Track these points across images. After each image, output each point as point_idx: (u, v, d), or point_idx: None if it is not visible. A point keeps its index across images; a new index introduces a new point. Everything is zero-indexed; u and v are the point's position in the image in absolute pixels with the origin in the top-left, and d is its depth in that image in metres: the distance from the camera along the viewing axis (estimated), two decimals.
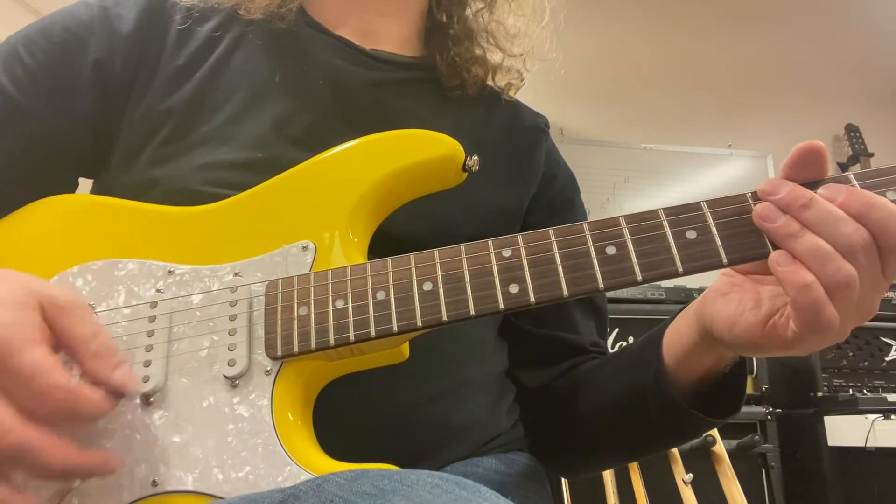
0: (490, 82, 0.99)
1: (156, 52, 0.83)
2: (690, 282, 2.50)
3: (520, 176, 0.94)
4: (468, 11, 1.01)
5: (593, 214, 0.61)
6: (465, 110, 0.94)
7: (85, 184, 0.87)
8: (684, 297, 2.41)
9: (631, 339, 2.32)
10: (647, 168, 3.67)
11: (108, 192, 0.77)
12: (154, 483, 0.61)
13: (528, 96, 1.06)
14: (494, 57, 1.00)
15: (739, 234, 0.57)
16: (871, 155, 3.74)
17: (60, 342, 0.58)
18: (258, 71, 0.85)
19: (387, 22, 0.94)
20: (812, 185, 0.56)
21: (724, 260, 0.57)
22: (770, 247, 0.56)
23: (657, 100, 3.78)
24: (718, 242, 0.57)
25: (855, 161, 3.74)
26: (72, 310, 0.59)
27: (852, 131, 3.83)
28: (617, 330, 2.34)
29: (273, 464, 0.60)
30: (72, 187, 0.84)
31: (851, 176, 0.57)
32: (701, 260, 0.57)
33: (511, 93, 1.02)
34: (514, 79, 1.01)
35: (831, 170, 0.57)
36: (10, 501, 0.55)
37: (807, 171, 0.57)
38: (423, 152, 0.71)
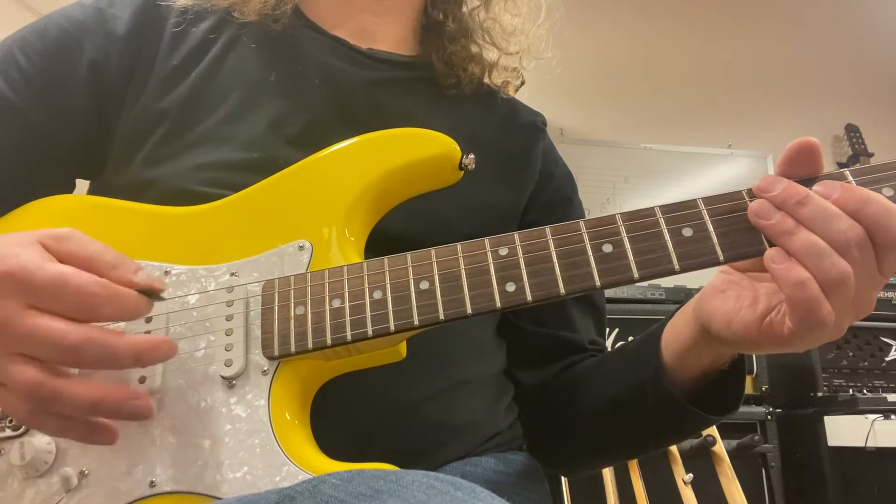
0: (487, 80, 0.99)
1: (151, 53, 0.83)
2: (690, 281, 2.49)
3: (517, 174, 0.94)
4: (464, 9, 1.01)
5: (593, 214, 0.61)
6: (461, 109, 0.94)
7: (82, 184, 0.87)
8: (684, 297, 2.40)
9: (631, 339, 2.32)
10: (647, 168, 3.67)
11: (104, 193, 0.77)
12: (152, 484, 0.61)
13: (527, 96, 1.06)
14: (491, 55, 1.00)
15: (735, 232, 0.57)
16: (871, 155, 3.74)
17: (73, 265, 0.58)
18: (253, 71, 0.85)
19: (382, 21, 0.94)
20: (808, 181, 0.56)
21: (721, 257, 0.57)
22: (766, 244, 0.56)
23: (657, 100, 3.78)
24: (715, 240, 0.57)
25: (855, 161, 3.73)
26: (70, 236, 0.59)
27: (852, 131, 3.83)
28: (617, 330, 2.33)
29: (270, 464, 0.59)
30: (69, 188, 0.84)
31: (847, 172, 0.57)
32: (697, 257, 0.57)
33: (510, 91, 1.02)
34: (511, 77, 1.01)
35: (832, 170, 0.57)
36: (102, 394, 0.56)
37: (802, 167, 0.57)
38: (419, 151, 0.71)
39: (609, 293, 2.32)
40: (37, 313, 0.54)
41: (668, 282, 2.50)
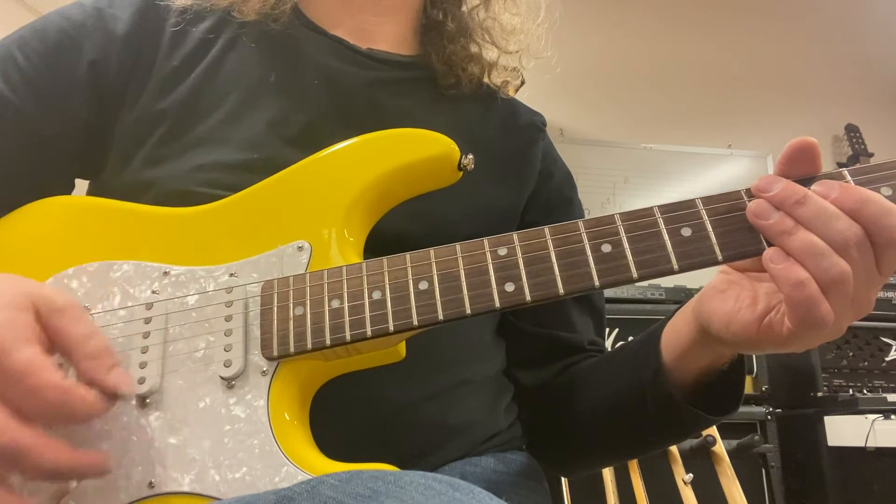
0: (486, 80, 0.99)
1: (150, 54, 0.83)
2: (690, 281, 2.49)
3: (516, 174, 0.94)
4: (464, 8, 1.01)
5: (593, 214, 0.61)
6: (461, 109, 0.94)
7: (81, 184, 0.87)
8: (684, 297, 2.41)
9: (631, 340, 2.32)
10: (647, 168, 3.67)
11: (103, 194, 0.77)
12: (151, 485, 0.60)
13: (527, 96, 1.06)
14: (490, 54, 1.00)
15: (734, 231, 0.57)
16: (871, 155, 3.74)
17: (55, 343, 0.58)
18: (253, 71, 0.85)
19: (382, 21, 0.93)
20: (806, 181, 0.56)
21: (720, 257, 0.57)
22: (765, 243, 0.56)
23: (657, 100, 3.78)
24: (713, 239, 0.57)
25: (855, 161, 3.74)
26: (66, 310, 0.58)
27: (852, 131, 3.83)
28: (617, 330, 2.33)
29: (270, 464, 0.59)
30: (68, 188, 0.84)
31: (845, 172, 0.57)
32: (696, 257, 0.57)
33: (510, 92, 1.02)
34: (511, 77, 1.01)
35: (831, 170, 0.57)
36: (5, 503, 0.55)
37: (801, 167, 0.57)
38: (418, 151, 0.71)
39: (609, 293, 2.32)
40: None
41: (668, 282, 2.50)
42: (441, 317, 0.60)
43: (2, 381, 0.53)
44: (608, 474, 1.70)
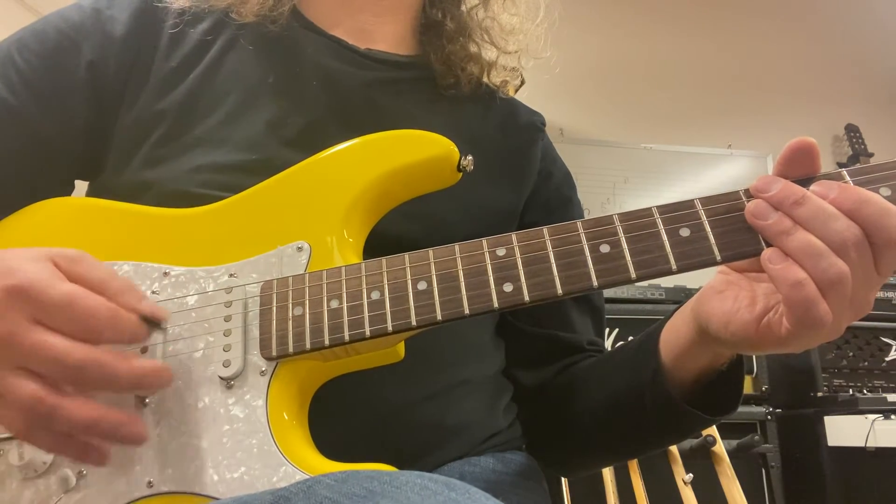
0: (485, 80, 0.99)
1: (149, 55, 0.83)
2: (690, 281, 2.49)
3: (516, 175, 0.94)
4: (462, 8, 1.01)
5: (593, 214, 0.61)
6: (460, 109, 0.94)
7: (81, 186, 0.87)
8: (684, 297, 2.40)
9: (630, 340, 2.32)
10: (647, 168, 3.67)
11: (102, 194, 0.77)
12: (149, 484, 0.61)
13: (527, 96, 1.06)
14: (489, 54, 1.00)
15: (733, 232, 0.57)
16: (871, 155, 3.74)
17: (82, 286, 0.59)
18: (251, 72, 0.85)
19: (381, 21, 0.93)
20: (805, 181, 0.56)
21: (718, 257, 0.57)
22: (763, 244, 0.56)
23: (657, 100, 3.78)
24: (712, 240, 0.57)
25: (855, 161, 3.73)
26: (82, 258, 0.60)
27: (852, 131, 3.83)
28: (617, 330, 2.33)
29: (268, 464, 0.60)
30: (68, 189, 0.84)
31: (844, 172, 0.57)
32: (695, 257, 0.57)
33: (510, 92, 1.02)
34: (510, 76, 1.01)
35: (831, 170, 0.57)
36: (98, 415, 0.56)
37: (799, 167, 0.57)
38: (417, 153, 0.71)
39: (609, 293, 2.32)
40: (43, 329, 0.55)
41: (667, 282, 2.50)
42: (439, 317, 0.60)
43: (53, 316, 0.55)
44: (608, 474, 1.70)
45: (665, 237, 0.58)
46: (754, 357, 2.38)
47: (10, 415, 0.56)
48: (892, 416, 2.22)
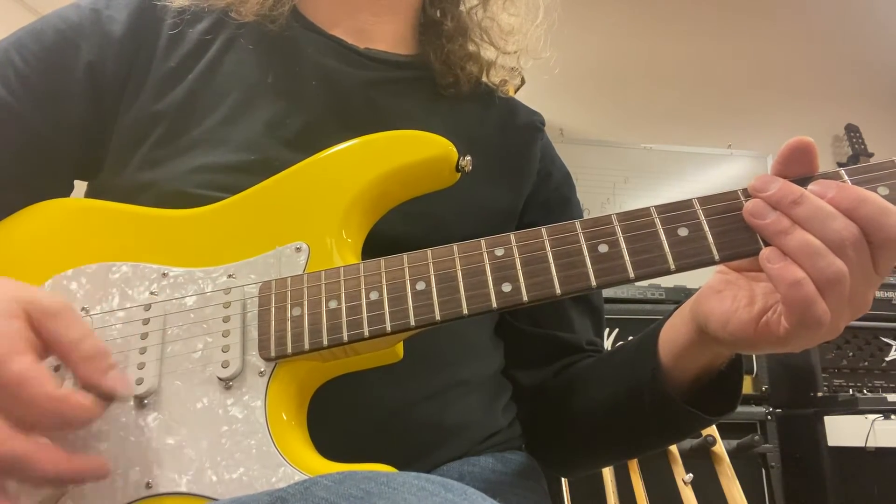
0: (485, 79, 0.99)
1: (147, 55, 0.83)
2: (690, 281, 2.49)
3: (515, 175, 0.94)
4: (462, 8, 1.01)
5: (593, 214, 0.61)
6: (459, 108, 0.94)
7: (80, 186, 0.87)
8: (684, 297, 2.39)
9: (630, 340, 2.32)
10: (647, 168, 3.67)
11: (101, 195, 0.77)
12: (148, 485, 0.60)
13: (527, 96, 1.06)
14: (488, 54, 1.00)
15: (731, 231, 0.57)
16: (871, 155, 3.74)
17: (50, 348, 0.58)
18: (250, 72, 0.85)
19: (380, 20, 0.93)
20: (803, 181, 0.56)
21: (716, 257, 0.57)
22: (762, 243, 0.56)
23: (657, 100, 3.78)
24: (710, 239, 0.57)
25: (855, 161, 3.73)
26: (59, 313, 0.58)
27: (852, 131, 3.83)
28: (617, 330, 2.33)
29: (267, 465, 0.59)
30: (67, 189, 0.84)
31: (842, 172, 0.57)
32: (693, 257, 0.57)
33: (510, 91, 1.02)
34: (509, 76, 1.01)
35: (831, 170, 0.57)
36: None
37: (797, 167, 0.57)
38: (416, 153, 0.71)
39: (608, 293, 2.32)
40: None
41: (667, 282, 2.50)
42: (438, 317, 0.60)
43: (2, 392, 0.53)
44: (608, 474, 1.70)
45: (663, 237, 0.58)
46: (754, 357, 2.38)
47: None
48: (892, 416, 2.22)
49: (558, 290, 0.59)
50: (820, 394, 2.40)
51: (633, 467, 1.64)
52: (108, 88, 0.81)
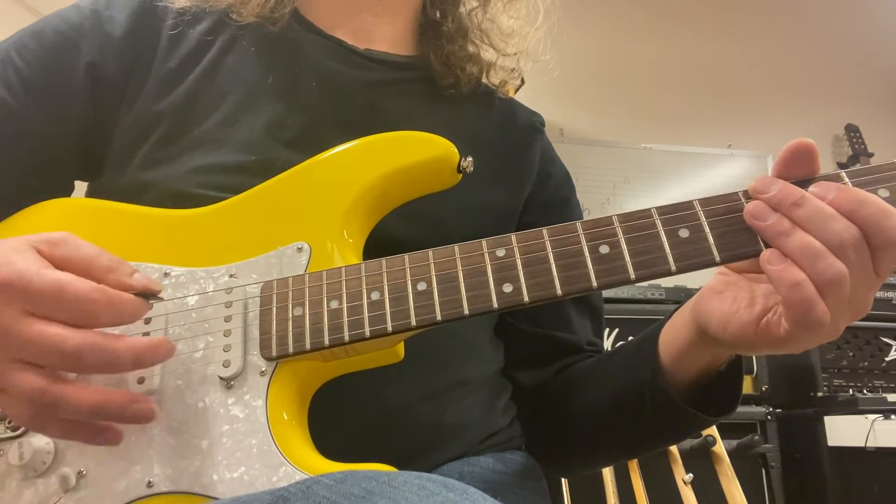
0: (484, 80, 0.99)
1: (148, 55, 0.83)
2: (690, 281, 2.49)
3: (515, 175, 0.94)
4: (462, 9, 1.01)
5: (593, 215, 0.62)
6: (459, 109, 0.94)
7: (80, 187, 0.87)
8: (684, 298, 2.40)
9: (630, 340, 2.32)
10: (647, 168, 3.67)
11: (102, 195, 0.77)
12: (149, 484, 0.61)
13: (527, 96, 1.06)
14: (488, 55, 1.00)
15: (732, 233, 0.57)
16: (871, 155, 3.74)
17: (69, 270, 0.58)
18: (251, 73, 0.85)
19: (381, 21, 0.94)
20: (804, 182, 0.57)
21: (717, 258, 0.57)
22: (762, 245, 0.56)
23: (657, 100, 3.78)
24: (711, 241, 0.57)
25: (855, 161, 3.73)
26: (65, 240, 0.59)
27: (852, 131, 3.83)
28: (617, 330, 2.33)
29: (268, 464, 0.60)
30: (68, 190, 0.84)
31: (843, 173, 0.57)
32: (694, 258, 0.57)
33: (510, 92, 1.02)
34: (509, 77, 1.01)
35: (831, 170, 0.57)
36: (104, 398, 0.57)
37: (798, 168, 0.57)
38: (417, 154, 0.71)
39: (609, 293, 2.32)
40: (36, 320, 0.54)
41: (668, 282, 2.50)
42: (439, 317, 0.61)
43: (43, 305, 0.55)
44: (608, 474, 1.70)
45: (664, 238, 0.58)
46: (754, 357, 2.38)
47: (16, 408, 0.56)
48: (892, 416, 2.22)
49: (559, 291, 0.59)
50: (820, 394, 2.40)
51: (633, 467, 1.64)
52: (109, 89, 0.81)
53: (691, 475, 1.61)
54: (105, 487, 0.61)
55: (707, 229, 0.58)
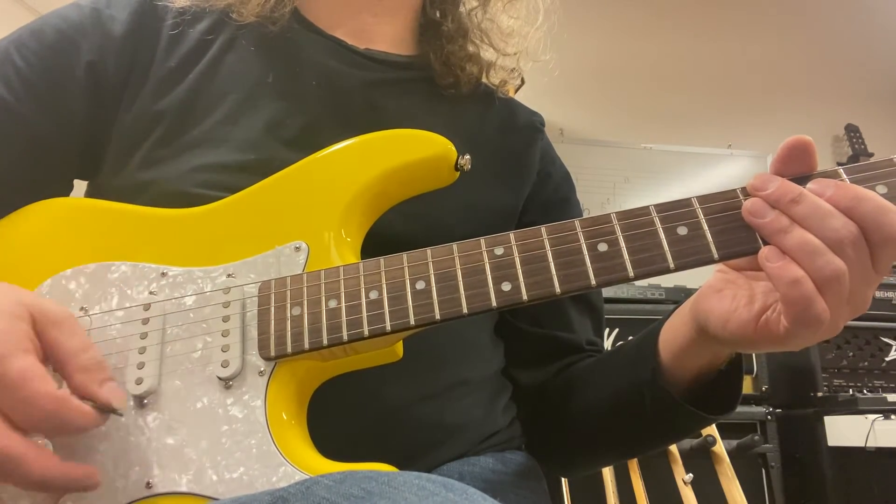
0: (484, 80, 0.99)
1: (148, 54, 0.83)
2: (690, 281, 2.49)
3: (514, 175, 0.94)
4: (462, 9, 1.01)
5: (593, 214, 0.61)
6: (459, 109, 0.94)
7: (80, 186, 0.87)
8: (684, 297, 2.38)
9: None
10: (647, 168, 3.67)
11: (101, 194, 0.77)
12: (148, 485, 0.60)
13: (527, 96, 1.06)
14: (488, 55, 1.00)
15: (730, 230, 0.57)
16: (871, 155, 3.73)
17: (49, 355, 0.58)
18: (251, 72, 0.85)
19: (380, 21, 0.94)
20: (802, 179, 0.57)
21: (716, 255, 0.57)
22: (761, 242, 0.56)
23: (657, 100, 3.78)
24: (709, 238, 0.57)
25: (855, 161, 3.71)
26: (62, 322, 0.59)
27: (852, 131, 3.83)
28: (617, 330, 2.33)
29: (267, 464, 0.59)
30: (67, 190, 0.84)
31: (841, 170, 0.57)
32: (692, 256, 0.57)
33: (510, 92, 1.02)
34: (509, 77, 1.01)
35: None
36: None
37: (796, 166, 0.57)
38: (414, 152, 0.71)
39: (608, 293, 2.32)
40: None
41: (667, 282, 2.50)
42: (438, 316, 0.60)
43: (1, 388, 0.53)
44: (608, 474, 1.70)
45: (662, 236, 0.58)
46: (754, 357, 2.38)
47: None
48: (892, 416, 2.21)
49: (558, 289, 0.59)
50: (820, 394, 2.40)
51: (633, 467, 1.64)
52: (109, 87, 0.81)
53: (691, 475, 1.61)
54: (104, 489, 0.61)
55: (705, 227, 0.58)
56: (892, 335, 2.51)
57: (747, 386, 2.38)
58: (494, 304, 0.60)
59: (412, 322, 0.61)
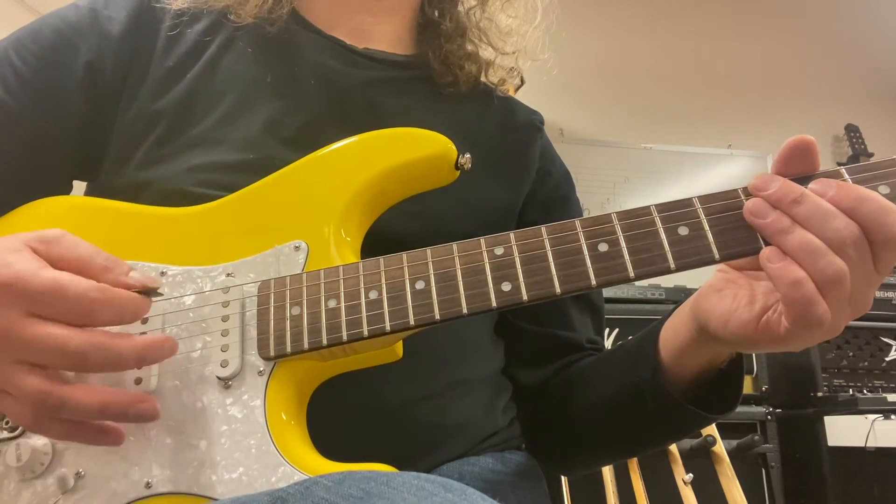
0: (483, 79, 0.99)
1: (146, 54, 0.83)
2: (690, 281, 2.49)
3: (514, 173, 0.94)
4: (460, 8, 1.01)
5: (593, 214, 0.61)
6: (458, 108, 0.94)
7: (79, 186, 0.87)
8: (684, 297, 2.38)
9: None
10: (647, 168, 3.67)
11: (101, 194, 0.77)
12: (147, 485, 0.60)
13: (527, 95, 1.06)
14: (487, 54, 1.00)
15: (731, 230, 0.57)
16: (871, 155, 3.73)
17: (63, 270, 0.58)
18: (249, 72, 0.84)
19: (379, 21, 0.93)
20: (803, 179, 0.56)
21: (716, 256, 0.57)
22: (762, 242, 0.56)
23: (657, 100, 3.78)
24: (710, 238, 0.57)
25: (855, 161, 3.71)
26: (60, 238, 0.59)
27: (852, 131, 3.83)
28: (617, 330, 2.33)
29: (267, 464, 0.59)
30: (66, 189, 0.84)
31: (843, 170, 0.57)
32: (693, 256, 0.57)
33: (510, 91, 1.02)
34: (508, 76, 1.01)
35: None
36: (107, 398, 0.56)
37: (798, 165, 0.57)
38: (414, 151, 0.71)
39: (609, 293, 2.32)
40: (37, 320, 0.54)
41: (668, 282, 2.50)
42: (438, 316, 0.60)
43: (43, 306, 0.54)
44: (608, 474, 1.70)
45: (663, 236, 0.58)
46: (754, 357, 2.38)
47: (18, 410, 0.56)
48: (892, 416, 2.22)
49: (558, 290, 0.59)
50: (820, 394, 2.40)
51: (633, 467, 1.64)
52: (107, 88, 0.81)
53: (691, 475, 1.61)
54: (103, 488, 0.61)
55: (706, 227, 0.58)
56: (892, 335, 2.51)
57: (747, 386, 2.38)
58: (494, 304, 0.60)
59: (412, 322, 0.61)
